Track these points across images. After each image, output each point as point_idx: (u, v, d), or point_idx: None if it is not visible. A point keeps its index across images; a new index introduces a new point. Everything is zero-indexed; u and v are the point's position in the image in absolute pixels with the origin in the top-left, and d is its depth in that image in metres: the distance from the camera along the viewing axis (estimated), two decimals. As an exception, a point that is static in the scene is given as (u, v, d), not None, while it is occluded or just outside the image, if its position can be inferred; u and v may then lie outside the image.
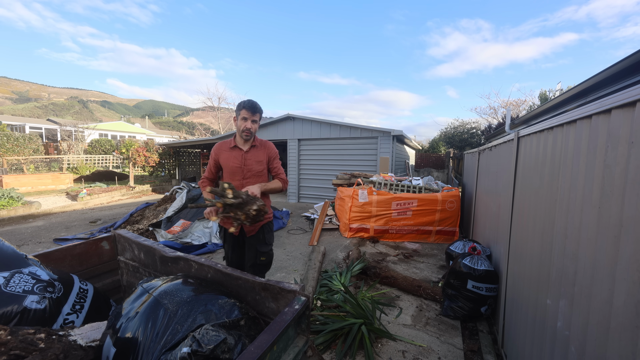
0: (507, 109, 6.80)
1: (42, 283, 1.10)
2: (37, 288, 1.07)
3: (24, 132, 21.60)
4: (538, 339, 1.46)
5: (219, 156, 2.13)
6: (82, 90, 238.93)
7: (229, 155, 2.12)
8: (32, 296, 1.04)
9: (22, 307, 1.00)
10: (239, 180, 2.11)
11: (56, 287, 1.14)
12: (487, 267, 2.36)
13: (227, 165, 2.11)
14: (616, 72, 2.47)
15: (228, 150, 2.12)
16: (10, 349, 0.76)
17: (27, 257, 1.22)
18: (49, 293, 1.10)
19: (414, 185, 5.39)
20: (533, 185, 1.67)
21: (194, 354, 0.76)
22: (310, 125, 8.61)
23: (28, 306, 1.01)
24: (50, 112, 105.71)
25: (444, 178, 14.28)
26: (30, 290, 1.05)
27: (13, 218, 6.45)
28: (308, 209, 7.32)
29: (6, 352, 0.75)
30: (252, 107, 2.01)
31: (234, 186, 1.65)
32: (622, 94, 0.90)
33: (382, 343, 2.24)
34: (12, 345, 0.77)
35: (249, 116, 2.02)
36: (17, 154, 14.83)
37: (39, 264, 1.21)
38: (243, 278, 1.11)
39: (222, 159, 2.12)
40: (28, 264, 1.17)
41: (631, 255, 0.85)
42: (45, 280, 1.12)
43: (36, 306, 1.03)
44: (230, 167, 2.10)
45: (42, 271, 1.16)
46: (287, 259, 4.09)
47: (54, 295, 1.11)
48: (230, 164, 2.10)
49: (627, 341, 0.85)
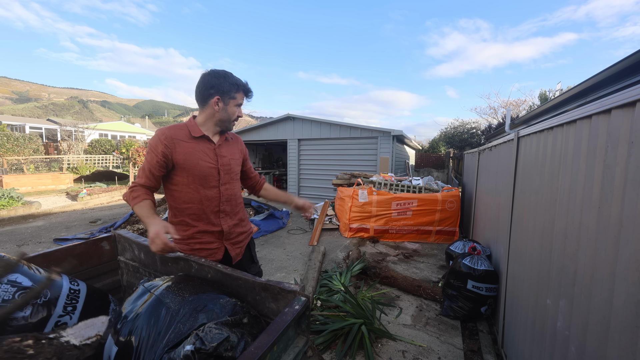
0: (507, 109, 6.80)
1: (24, 290, 1.06)
2: (18, 296, 1.04)
3: (24, 132, 21.60)
4: (538, 339, 1.46)
5: (174, 149, 1.32)
6: (82, 90, 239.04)
7: (195, 150, 1.37)
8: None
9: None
10: (213, 188, 1.44)
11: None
12: (487, 267, 2.37)
13: (191, 164, 1.36)
14: (616, 72, 2.48)
15: (190, 141, 1.36)
16: None
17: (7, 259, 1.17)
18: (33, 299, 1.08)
19: (414, 185, 5.39)
20: (533, 185, 1.67)
21: (197, 351, 0.76)
22: (310, 125, 8.61)
23: (12, 316, 1.00)
24: (50, 112, 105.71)
25: (444, 178, 14.28)
26: (10, 299, 1.01)
27: (13, 218, 6.45)
28: (308, 209, 7.32)
29: None
30: (250, 91, 1.48)
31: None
32: (622, 94, 0.90)
33: (382, 343, 2.24)
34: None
35: (244, 102, 1.48)
36: (17, 154, 14.83)
37: (22, 267, 1.16)
38: (243, 278, 1.11)
39: (181, 155, 1.34)
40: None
41: (631, 255, 0.85)
42: (27, 287, 1.08)
43: (20, 314, 1.01)
44: (199, 169, 1.37)
45: (23, 277, 1.12)
46: (287, 259, 4.09)
47: (40, 301, 1.08)
48: (200, 164, 1.38)
49: (627, 341, 0.85)
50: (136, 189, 1.34)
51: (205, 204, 1.43)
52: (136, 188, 1.35)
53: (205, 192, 1.42)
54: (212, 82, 1.36)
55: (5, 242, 4.82)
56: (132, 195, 1.33)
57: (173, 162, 1.34)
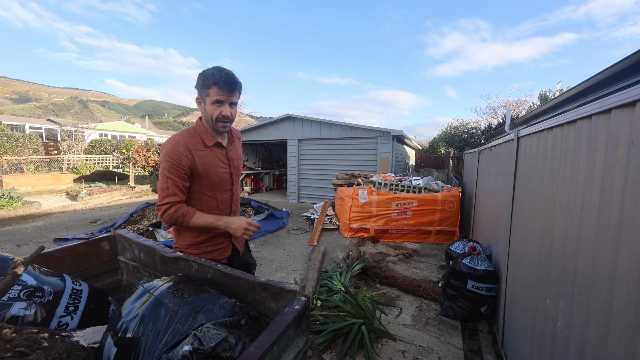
0: (507, 109, 6.80)
1: (29, 289, 1.09)
2: (24, 294, 1.06)
3: (24, 132, 21.61)
4: (538, 339, 1.46)
5: (194, 160, 1.30)
6: (82, 90, 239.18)
7: (211, 158, 1.36)
8: (19, 303, 1.04)
9: (10, 315, 1.00)
10: (226, 192, 1.45)
11: (45, 291, 1.13)
12: (487, 267, 2.37)
13: (210, 172, 1.35)
14: (616, 72, 2.48)
15: (205, 150, 1.35)
16: (15, 346, 0.79)
17: (12, 259, 1.19)
18: (38, 298, 1.09)
19: (414, 185, 5.39)
20: (533, 185, 1.67)
21: (195, 352, 0.77)
22: (310, 125, 8.61)
23: (16, 314, 1.01)
24: (50, 112, 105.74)
25: (444, 178, 14.29)
26: (16, 297, 1.04)
27: (13, 218, 6.45)
28: (308, 209, 7.32)
29: (11, 349, 0.78)
30: (228, 82, 1.24)
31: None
32: (622, 94, 0.90)
33: (382, 343, 2.24)
34: (17, 343, 0.80)
35: (224, 97, 1.27)
36: (17, 154, 14.83)
37: (28, 267, 1.19)
38: (243, 278, 1.11)
39: (200, 164, 1.32)
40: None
41: (631, 255, 0.85)
42: (32, 285, 1.11)
43: (25, 312, 1.03)
44: (217, 176, 1.38)
45: (28, 276, 1.15)
46: (287, 259, 4.09)
47: (44, 300, 1.10)
48: (218, 171, 1.38)
49: (627, 341, 0.85)
50: (179, 207, 1.29)
51: (221, 208, 1.44)
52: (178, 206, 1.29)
53: (221, 197, 1.43)
54: (196, 83, 1.32)
55: (5, 242, 4.82)
56: (179, 213, 1.28)
57: (192, 171, 1.32)
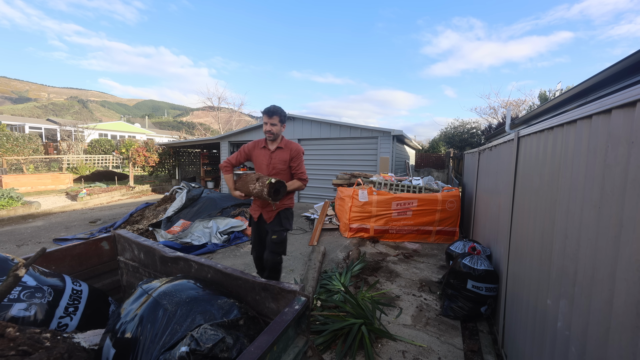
0: (507, 109, 6.80)
1: (29, 289, 1.08)
2: (24, 295, 1.05)
3: (23, 132, 21.59)
4: (538, 339, 1.46)
5: (252, 152, 2.51)
6: (82, 90, 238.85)
7: (260, 153, 2.48)
8: (19, 304, 1.03)
9: (9, 316, 0.99)
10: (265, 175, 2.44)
11: (45, 291, 1.12)
12: (487, 267, 2.36)
13: (256, 161, 2.50)
14: (616, 72, 2.47)
15: (259, 149, 2.48)
16: (19, 344, 0.80)
17: (13, 260, 1.18)
18: (37, 299, 1.08)
19: (414, 185, 5.39)
20: (533, 185, 1.67)
21: (193, 352, 0.76)
22: (310, 125, 8.61)
23: (15, 315, 1.00)
24: (49, 112, 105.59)
25: (444, 178, 14.28)
26: (16, 298, 1.03)
27: (13, 218, 6.44)
28: (308, 209, 7.31)
29: (14, 348, 0.79)
30: (268, 111, 2.34)
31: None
32: (622, 94, 0.90)
33: (382, 343, 2.24)
34: (20, 342, 0.81)
35: (267, 120, 2.34)
36: (16, 154, 14.82)
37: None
38: (243, 278, 1.10)
39: (254, 156, 2.50)
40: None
41: (631, 255, 0.85)
42: (32, 286, 1.10)
43: (24, 314, 1.02)
44: (259, 163, 2.49)
45: (28, 277, 1.13)
46: (287, 259, 4.09)
47: (44, 300, 1.09)
48: (260, 160, 2.48)
49: (627, 341, 0.85)
50: (227, 165, 2.54)
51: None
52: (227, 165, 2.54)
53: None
54: None
55: (4, 242, 4.81)
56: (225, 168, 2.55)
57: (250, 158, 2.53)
